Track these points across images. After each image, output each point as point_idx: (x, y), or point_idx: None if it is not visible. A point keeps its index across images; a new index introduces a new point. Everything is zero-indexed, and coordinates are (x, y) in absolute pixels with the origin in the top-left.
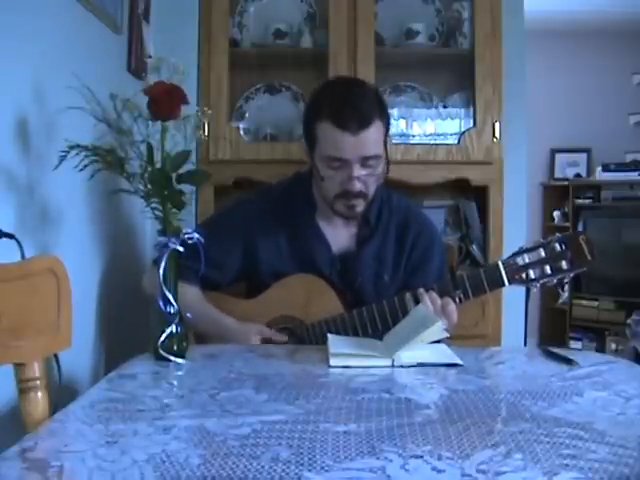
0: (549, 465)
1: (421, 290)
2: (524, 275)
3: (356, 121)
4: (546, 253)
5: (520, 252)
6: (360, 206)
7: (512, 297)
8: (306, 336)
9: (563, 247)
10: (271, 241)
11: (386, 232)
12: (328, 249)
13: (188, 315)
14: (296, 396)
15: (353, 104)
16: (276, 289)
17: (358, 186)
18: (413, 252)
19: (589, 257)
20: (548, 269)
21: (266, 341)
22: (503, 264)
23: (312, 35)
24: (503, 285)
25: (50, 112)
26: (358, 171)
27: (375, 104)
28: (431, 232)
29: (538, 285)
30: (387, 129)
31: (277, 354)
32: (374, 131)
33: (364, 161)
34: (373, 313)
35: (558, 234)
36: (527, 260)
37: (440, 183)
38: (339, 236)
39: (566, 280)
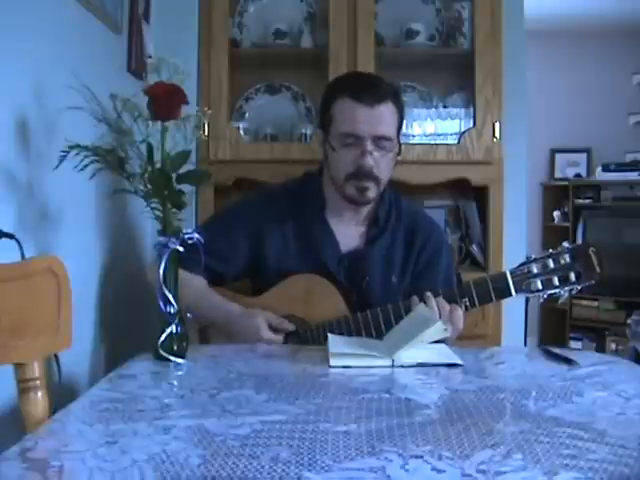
0: (549, 465)
1: (429, 294)
2: (531, 285)
3: (371, 95)
4: (555, 264)
5: (528, 262)
6: (372, 191)
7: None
8: (309, 337)
9: (572, 259)
10: (278, 234)
11: (395, 234)
12: (336, 247)
13: (189, 315)
14: (296, 396)
15: (369, 82)
16: (280, 288)
17: (371, 162)
18: (421, 255)
19: (598, 269)
20: (556, 280)
21: (272, 328)
22: (511, 274)
23: (312, 35)
24: (510, 295)
25: (50, 112)
26: (370, 146)
27: (390, 90)
28: (439, 236)
29: (545, 296)
30: (401, 120)
31: (277, 354)
32: (388, 110)
33: (377, 140)
34: (378, 317)
35: (567, 245)
36: (535, 270)
37: (440, 183)
38: (348, 234)
39: (574, 292)
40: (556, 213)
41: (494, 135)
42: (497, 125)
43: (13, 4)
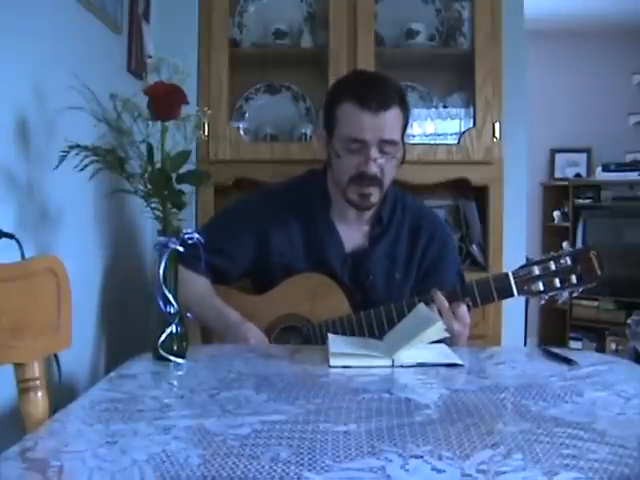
0: (549, 465)
1: (434, 289)
2: (533, 287)
3: (376, 101)
4: (556, 266)
5: (530, 264)
6: (375, 196)
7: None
8: (312, 335)
9: (573, 261)
10: (283, 234)
11: (399, 230)
12: (341, 247)
13: (189, 315)
14: (296, 396)
15: (375, 86)
16: (284, 286)
17: (374, 169)
18: (427, 253)
19: (599, 272)
20: (557, 282)
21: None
22: (513, 275)
23: (312, 35)
24: (512, 295)
25: (50, 112)
26: (375, 154)
27: (396, 93)
28: (444, 232)
29: (547, 297)
30: (406, 122)
31: (277, 354)
32: (393, 115)
33: (382, 145)
34: (381, 316)
35: (569, 248)
36: (537, 272)
37: (440, 183)
38: (352, 234)
39: (575, 294)
40: (556, 213)
41: (494, 135)
42: (497, 125)
43: (13, 4)
